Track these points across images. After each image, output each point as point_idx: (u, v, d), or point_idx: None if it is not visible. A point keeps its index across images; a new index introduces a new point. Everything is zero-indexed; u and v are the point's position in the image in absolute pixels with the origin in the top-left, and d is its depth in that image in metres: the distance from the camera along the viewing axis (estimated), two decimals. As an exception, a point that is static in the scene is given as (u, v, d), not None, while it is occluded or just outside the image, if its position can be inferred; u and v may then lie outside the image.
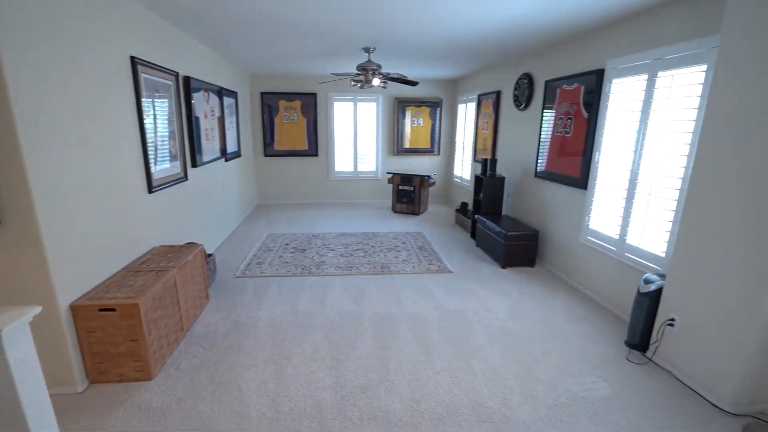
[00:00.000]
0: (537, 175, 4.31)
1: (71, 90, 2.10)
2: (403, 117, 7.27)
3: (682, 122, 2.56)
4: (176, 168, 3.45)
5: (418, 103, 7.23)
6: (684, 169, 2.53)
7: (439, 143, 7.52)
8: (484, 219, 4.59)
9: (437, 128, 7.42)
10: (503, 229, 4.13)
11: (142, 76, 2.83)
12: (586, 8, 2.77)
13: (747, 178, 1.97)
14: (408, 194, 6.48)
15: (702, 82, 2.41)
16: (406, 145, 7.42)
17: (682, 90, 2.56)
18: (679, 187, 2.58)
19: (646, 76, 2.82)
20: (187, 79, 3.69)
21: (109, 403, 2.08)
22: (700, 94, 2.42)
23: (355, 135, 7.28)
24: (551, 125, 4.02)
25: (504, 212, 5.13)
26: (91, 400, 2.10)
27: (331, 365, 2.43)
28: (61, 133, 2.02)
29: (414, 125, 7.35)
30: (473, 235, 5.18)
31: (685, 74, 2.55)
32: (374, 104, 7.18)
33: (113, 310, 2.12)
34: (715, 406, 2.12)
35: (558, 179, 3.91)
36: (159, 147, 3.11)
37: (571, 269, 3.77)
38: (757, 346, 2.00)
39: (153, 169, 3.00)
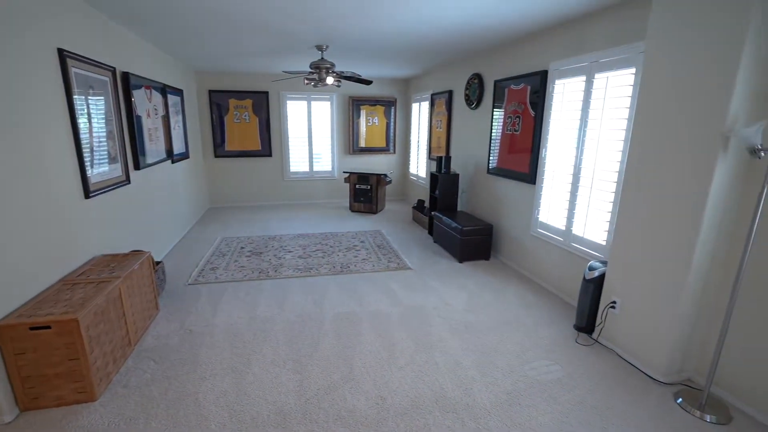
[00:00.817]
0: (489, 171, 4.49)
1: (-12, 85, 1.88)
2: (358, 116, 7.26)
3: (616, 120, 2.78)
4: (117, 171, 3.20)
5: (373, 101, 7.26)
6: (619, 163, 2.76)
7: (395, 142, 7.59)
8: (441, 215, 4.71)
9: (392, 127, 7.49)
10: (459, 224, 4.25)
11: (73, 70, 2.60)
12: (527, 14, 2.92)
13: (672, 171, 2.19)
14: (365, 193, 6.49)
15: (632, 83, 2.64)
16: (362, 144, 7.42)
17: (615, 91, 2.79)
18: (616, 180, 2.80)
19: (584, 78, 3.03)
20: (125, 75, 3.43)
21: (45, 430, 1.89)
22: (630, 95, 2.65)
23: (310, 134, 7.17)
24: (501, 123, 4.21)
25: (459, 208, 5.29)
26: (22, 429, 1.90)
27: (294, 369, 2.38)
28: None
29: (369, 124, 7.37)
30: (430, 232, 5.30)
31: (617, 76, 2.77)
32: (328, 103, 7.10)
33: (48, 327, 1.93)
34: (651, 377, 2.34)
35: (509, 175, 4.10)
36: (96, 148, 2.87)
37: (524, 260, 3.97)
38: (681, 322, 2.23)
39: (89, 172, 2.76)
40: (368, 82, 4.71)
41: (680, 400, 2.13)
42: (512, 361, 2.48)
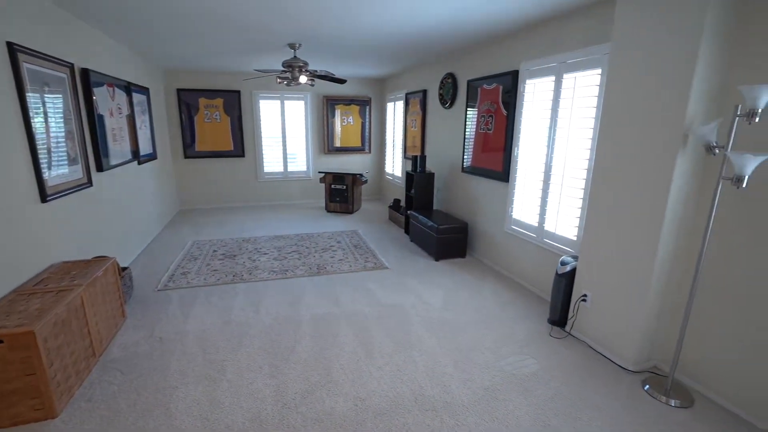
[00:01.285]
0: (464, 170, 4.55)
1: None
2: (333, 115, 7.20)
3: (584, 119, 2.87)
4: (77, 173, 3.04)
5: (348, 101, 7.21)
6: (588, 161, 2.85)
7: (370, 141, 7.57)
8: (417, 214, 4.73)
9: (367, 126, 7.46)
10: (435, 223, 4.28)
11: (25, 66, 2.44)
12: (506, 12, 2.95)
13: (635, 168, 2.27)
14: (341, 193, 6.44)
15: (598, 84, 2.73)
16: (337, 143, 7.36)
17: (583, 90, 2.87)
18: (585, 177, 2.89)
19: (553, 78, 3.11)
20: (85, 72, 3.26)
21: (1, 450, 1.77)
22: (597, 95, 2.74)
23: (284, 134, 7.04)
24: (475, 122, 4.26)
25: (435, 207, 5.34)
26: (-25, 450, 1.77)
27: (270, 373, 2.33)
28: None
29: (344, 123, 7.32)
30: (407, 231, 5.31)
31: (584, 77, 2.86)
32: (302, 102, 7.00)
33: (0, 341, 1.80)
34: (621, 366, 2.42)
35: (483, 173, 4.16)
36: (54, 149, 2.71)
37: (499, 257, 4.04)
38: (648, 313, 2.32)
39: (46, 174, 2.60)
40: (342, 81, 4.68)
41: (647, 387, 2.22)
42: (489, 357, 2.52)
